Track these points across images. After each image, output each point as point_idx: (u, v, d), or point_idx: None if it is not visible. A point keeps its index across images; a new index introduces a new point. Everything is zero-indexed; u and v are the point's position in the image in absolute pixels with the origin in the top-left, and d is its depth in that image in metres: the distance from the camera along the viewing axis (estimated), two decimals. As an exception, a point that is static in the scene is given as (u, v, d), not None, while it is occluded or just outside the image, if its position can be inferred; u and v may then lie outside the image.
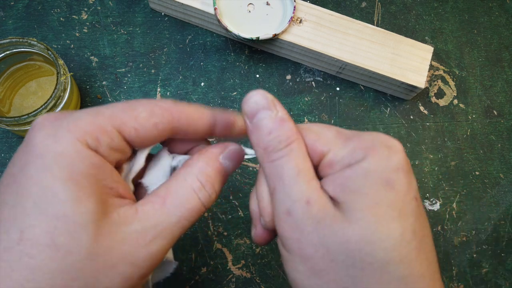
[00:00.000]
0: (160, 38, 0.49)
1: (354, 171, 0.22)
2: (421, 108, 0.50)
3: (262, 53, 0.50)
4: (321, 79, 0.50)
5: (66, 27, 0.48)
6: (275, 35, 0.44)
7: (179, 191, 0.23)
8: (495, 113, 0.51)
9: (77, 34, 0.48)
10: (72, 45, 0.47)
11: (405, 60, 0.46)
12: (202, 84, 0.48)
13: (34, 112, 0.37)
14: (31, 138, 0.21)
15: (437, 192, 0.48)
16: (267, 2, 0.46)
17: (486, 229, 0.48)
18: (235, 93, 0.48)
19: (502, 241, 0.48)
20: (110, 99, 0.46)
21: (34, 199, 0.20)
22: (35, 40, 0.39)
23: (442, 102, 0.51)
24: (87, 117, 0.22)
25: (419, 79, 0.46)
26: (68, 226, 0.19)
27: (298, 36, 0.45)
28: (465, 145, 0.50)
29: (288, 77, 0.49)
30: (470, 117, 0.51)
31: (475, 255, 0.47)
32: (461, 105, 0.51)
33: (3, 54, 0.40)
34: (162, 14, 0.49)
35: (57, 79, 0.38)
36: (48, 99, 0.38)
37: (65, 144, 0.20)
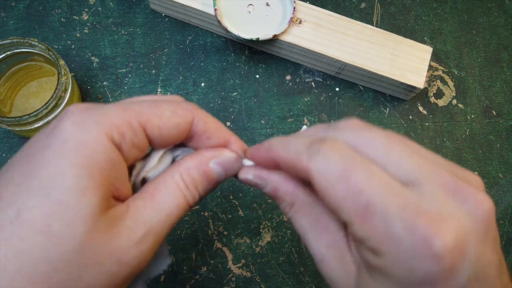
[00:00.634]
0: (161, 39, 0.49)
1: (372, 263, 0.20)
2: (420, 108, 0.51)
3: (262, 54, 0.50)
4: (321, 80, 0.50)
5: (67, 28, 0.48)
6: (275, 36, 0.44)
7: (167, 188, 0.23)
8: (494, 113, 0.52)
9: (78, 35, 0.48)
10: (73, 46, 0.48)
11: (404, 61, 0.47)
12: (203, 85, 0.48)
13: (35, 113, 0.37)
14: (59, 124, 0.21)
15: (436, 192, 0.48)
16: (267, 3, 0.47)
17: (485, 229, 0.48)
18: (235, 94, 0.48)
19: (501, 241, 0.48)
20: (111, 100, 0.47)
21: (41, 181, 0.19)
22: (36, 41, 0.39)
23: (441, 102, 0.51)
24: (117, 111, 0.22)
25: (418, 80, 0.46)
26: (67, 215, 0.19)
27: (298, 37, 0.46)
28: (464, 145, 0.50)
29: (288, 78, 0.50)
30: (469, 117, 0.51)
31: (474, 255, 0.47)
32: (460, 105, 0.51)
33: (4, 55, 0.41)
34: (163, 15, 0.50)
35: (58, 80, 0.38)
36: (49, 100, 0.38)
37: (91, 135, 0.20)
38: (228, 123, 0.47)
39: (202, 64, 0.49)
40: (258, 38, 0.44)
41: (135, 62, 0.48)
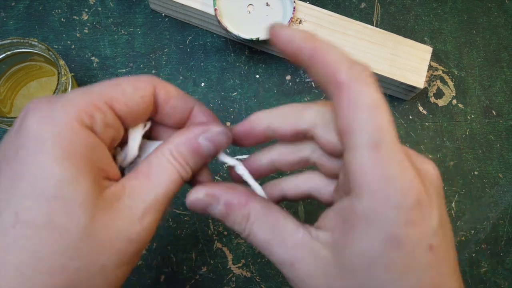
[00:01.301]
0: (161, 39, 0.49)
1: (355, 210, 0.20)
2: (420, 108, 0.51)
3: (262, 54, 0.50)
4: (321, 80, 0.50)
5: (67, 28, 0.48)
6: (275, 36, 0.44)
7: (160, 165, 0.23)
8: (494, 113, 0.52)
9: (78, 35, 0.48)
10: (73, 46, 0.48)
11: (404, 61, 0.47)
12: (203, 85, 0.48)
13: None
14: (25, 123, 0.21)
15: (436, 192, 0.48)
16: (267, 3, 0.47)
17: (485, 229, 0.48)
18: (235, 94, 0.48)
19: (501, 241, 0.48)
20: (111, 100, 0.47)
21: (30, 181, 0.19)
22: (36, 41, 0.39)
23: (441, 102, 0.51)
24: (80, 96, 0.22)
25: (418, 80, 0.46)
26: (66, 206, 0.19)
27: (298, 37, 0.46)
28: (464, 145, 0.50)
29: (288, 78, 0.50)
30: (469, 117, 0.51)
31: (474, 255, 0.47)
32: (460, 105, 0.51)
33: (4, 55, 0.41)
34: (163, 15, 0.50)
35: (58, 80, 0.38)
36: (49, 100, 0.38)
37: (62, 125, 0.20)
38: (228, 123, 0.47)
39: (202, 64, 0.49)
40: (258, 38, 0.44)
41: (135, 62, 0.48)
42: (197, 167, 0.25)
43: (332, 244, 0.22)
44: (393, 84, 0.47)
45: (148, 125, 0.26)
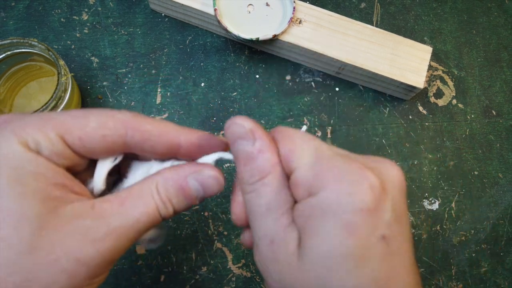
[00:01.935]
0: (161, 39, 0.49)
1: (312, 206, 0.21)
2: (420, 108, 0.51)
3: (262, 54, 0.50)
4: (321, 80, 0.50)
5: (67, 28, 0.48)
6: (275, 36, 0.44)
7: (141, 196, 0.23)
8: (494, 113, 0.52)
9: (78, 35, 0.48)
10: (73, 46, 0.48)
11: (404, 61, 0.47)
12: (202, 85, 0.48)
13: (35, 113, 0.37)
14: None
15: (436, 192, 0.48)
16: (267, 3, 0.47)
17: (485, 229, 0.48)
18: (235, 94, 0.48)
19: (501, 241, 0.48)
20: (111, 100, 0.47)
21: None
22: (36, 41, 0.39)
23: (441, 102, 0.51)
24: (34, 122, 0.22)
25: (418, 79, 0.46)
26: (12, 219, 0.19)
27: (298, 37, 0.46)
28: (464, 145, 0.50)
29: (288, 78, 0.50)
30: (469, 117, 0.51)
31: (474, 255, 0.47)
32: (460, 105, 0.51)
33: (4, 55, 0.41)
34: (163, 15, 0.50)
35: (58, 80, 0.38)
36: (49, 100, 0.38)
37: (10, 146, 0.21)
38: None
39: (202, 64, 0.49)
40: (258, 38, 0.44)
41: (135, 62, 0.48)
42: (181, 208, 0.24)
43: (301, 234, 0.22)
44: (393, 84, 0.47)
45: (119, 159, 0.24)
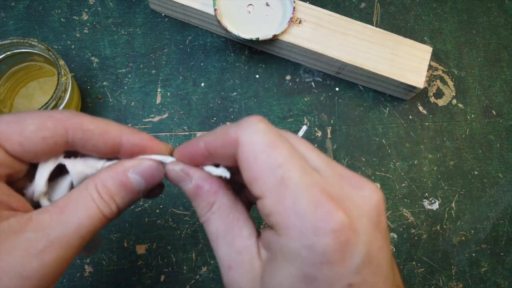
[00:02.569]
0: (161, 39, 0.49)
1: (275, 244, 0.21)
2: (420, 108, 0.51)
3: (262, 54, 0.50)
4: (321, 80, 0.50)
5: (67, 28, 0.48)
6: (275, 36, 0.44)
7: (79, 200, 0.22)
8: (494, 113, 0.52)
9: (78, 35, 0.48)
10: (73, 46, 0.48)
11: (404, 61, 0.47)
12: (202, 85, 0.48)
13: None
14: None
15: (436, 192, 0.48)
16: (267, 3, 0.47)
17: (485, 229, 0.48)
18: (235, 94, 0.48)
19: (501, 240, 0.48)
20: (111, 100, 0.47)
21: None
22: (36, 41, 0.39)
23: (441, 102, 0.51)
24: None
25: (418, 79, 0.46)
26: None
27: (298, 37, 0.46)
28: (464, 145, 0.50)
29: (288, 78, 0.50)
30: (469, 117, 0.51)
31: (474, 254, 0.47)
32: (460, 105, 0.51)
33: (4, 55, 0.41)
34: (163, 15, 0.50)
35: (58, 80, 0.38)
36: (49, 100, 0.38)
37: None
38: (228, 123, 0.47)
39: (202, 64, 0.49)
40: (258, 38, 0.44)
41: (135, 62, 0.48)
42: (125, 204, 0.24)
43: (264, 265, 0.22)
44: (393, 84, 0.47)
45: (59, 160, 0.24)
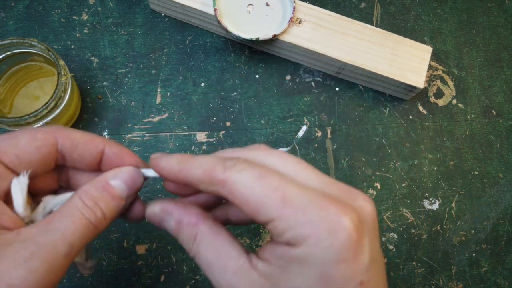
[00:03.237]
0: (161, 39, 0.49)
1: (290, 255, 0.21)
2: (420, 108, 0.51)
3: (262, 54, 0.50)
4: (321, 80, 0.50)
5: (67, 28, 0.48)
6: (275, 36, 0.44)
7: (64, 211, 0.23)
8: (494, 113, 0.52)
9: (78, 35, 0.48)
10: (73, 46, 0.48)
11: (404, 61, 0.47)
12: (202, 85, 0.48)
13: (35, 113, 0.37)
14: None
15: (436, 192, 0.48)
16: (267, 3, 0.47)
17: (485, 229, 0.48)
18: (235, 94, 0.48)
19: (501, 241, 0.48)
20: (111, 100, 0.47)
21: None
22: (36, 41, 0.39)
23: (441, 102, 0.51)
24: None
25: (418, 79, 0.46)
26: None
27: (298, 37, 0.46)
28: (464, 145, 0.50)
29: (288, 78, 0.50)
30: (469, 117, 0.51)
31: (474, 255, 0.47)
32: (460, 105, 0.51)
33: (4, 55, 0.41)
34: (162, 15, 0.50)
35: (58, 80, 0.38)
36: (49, 100, 0.38)
37: None
38: (228, 123, 0.47)
39: (202, 64, 0.49)
40: (258, 38, 0.44)
41: (135, 62, 0.48)
42: (112, 212, 0.25)
43: (269, 275, 0.22)
44: (393, 84, 0.47)
45: (27, 174, 0.24)
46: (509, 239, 0.48)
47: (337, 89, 0.50)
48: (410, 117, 0.50)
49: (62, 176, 0.28)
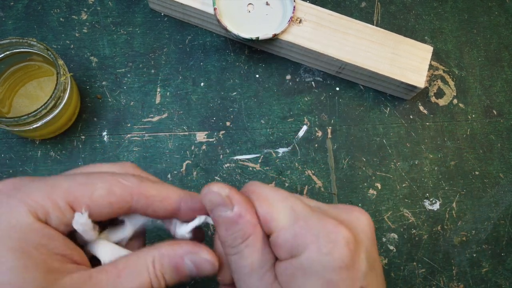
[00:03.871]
0: (160, 38, 0.49)
1: (294, 266, 0.22)
2: (421, 108, 0.50)
3: (262, 53, 0.50)
4: (321, 79, 0.50)
5: (66, 27, 0.48)
6: (275, 35, 0.44)
7: (136, 267, 0.24)
8: (495, 113, 0.51)
9: (77, 34, 0.48)
10: (72, 45, 0.47)
11: (405, 60, 0.47)
12: (202, 84, 0.48)
13: (34, 113, 0.37)
14: None
15: (437, 192, 0.48)
16: (267, 2, 0.46)
17: (486, 229, 0.48)
18: (235, 93, 0.48)
19: (502, 241, 0.48)
20: (110, 99, 0.46)
21: None
22: (35, 40, 0.39)
23: (442, 102, 0.51)
24: (43, 190, 0.22)
25: (419, 79, 0.46)
26: None
27: (298, 36, 0.45)
28: (465, 145, 0.50)
29: (288, 77, 0.49)
30: (470, 117, 0.51)
31: (475, 255, 0.47)
32: (461, 105, 0.51)
33: (3, 55, 0.40)
34: (162, 15, 0.49)
35: (57, 80, 0.38)
36: (48, 100, 0.38)
37: (18, 216, 0.21)
38: (228, 123, 0.47)
39: (202, 64, 0.49)
40: (258, 38, 0.44)
41: (134, 62, 0.48)
42: (172, 283, 0.25)
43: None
44: (394, 84, 0.47)
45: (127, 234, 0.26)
46: (510, 240, 0.48)
47: (338, 89, 0.50)
48: (411, 117, 0.50)
49: None
